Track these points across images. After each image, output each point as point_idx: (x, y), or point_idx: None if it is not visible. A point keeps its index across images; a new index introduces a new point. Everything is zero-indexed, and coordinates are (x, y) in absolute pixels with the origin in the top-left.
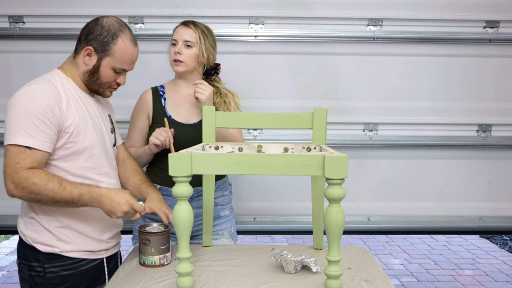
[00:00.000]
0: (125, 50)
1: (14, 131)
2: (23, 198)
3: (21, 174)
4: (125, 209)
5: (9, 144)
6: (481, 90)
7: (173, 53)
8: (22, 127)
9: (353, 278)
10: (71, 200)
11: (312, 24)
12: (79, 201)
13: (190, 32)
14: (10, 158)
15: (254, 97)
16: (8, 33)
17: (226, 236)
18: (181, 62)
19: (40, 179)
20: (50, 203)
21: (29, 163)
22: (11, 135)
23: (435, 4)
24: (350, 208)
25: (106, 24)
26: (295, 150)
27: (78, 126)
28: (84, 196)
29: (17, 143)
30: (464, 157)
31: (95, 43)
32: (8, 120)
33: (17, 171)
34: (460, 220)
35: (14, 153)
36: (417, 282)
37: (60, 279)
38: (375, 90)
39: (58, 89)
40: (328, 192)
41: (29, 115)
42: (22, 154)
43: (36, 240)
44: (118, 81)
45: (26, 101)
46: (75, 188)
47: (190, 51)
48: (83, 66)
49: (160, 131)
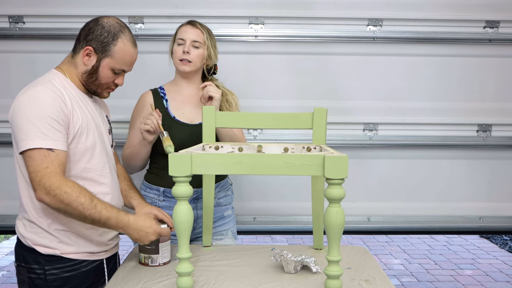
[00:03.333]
0: (125, 51)
1: (32, 135)
2: (51, 206)
3: (53, 180)
4: (153, 239)
5: (29, 148)
6: (481, 90)
7: (180, 53)
8: (39, 130)
9: (353, 278)
10: (98, 220)
11: (312, 24)
12: (104, 224)
13: (198, 33)
14: (35, 163)
15: (254, 97)
16: (8, 33)
17: (230, 236)
18: (189, 62)
19: (73, 190)
20: (75, 216)
21: (57, 166)
22: (28, 140)
23: (435, 4)
24: (350, 208)
25: (107, 25)
26: (295, 150)
27: (81, 127)
28: (111, 221)
29: (39, 146)
30: (464, 157)
31: (95, 44)
32: (19, 126)
33: (49, 176)
34: (460, 220)
35: (39, 158)
36: (417, 282)
37: (61, 281)
38: (375, 90)
39: (60, 90)
40: (328, 192)
41: (42, 117)
42: (48, 157)
43: (36, 242)
44: (116, 82)
45: (35, 104)
46: (105, 210)
47: (198, 52)
48: (81, 66)
49: (146, 117)
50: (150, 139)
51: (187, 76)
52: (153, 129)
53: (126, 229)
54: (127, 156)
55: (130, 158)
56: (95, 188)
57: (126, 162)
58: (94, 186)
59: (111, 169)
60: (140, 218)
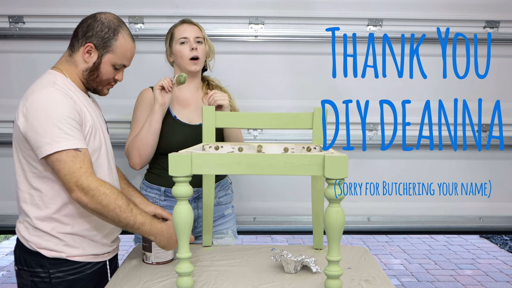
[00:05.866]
0: (126, 46)
1: (55, 137)
2: (88, 206)
3: (90, 180)
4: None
5: (56, 151)
6: (481, 90)
7: (188, 51)
8: (63, 131)
9: (353, 278)
10: (132, 225)
11: (312, 24)
12: (138, 229)
13: (197, 29)
14: (67, 165)
15: (254, 97)
16: (8, 33)
17: (230, 235)
18: (198, 59)
19: (111, 191)
20: (110, 218)
21: (89, 165)
22: (53, 143)
23: (435, 4)
24: (350, 208)
25: (106, 20)
26: (295, 150)
27: (91, 127)
28: (145, 227)
29: (67, 147)
30: (464, 157)
31: (95, 40)
32: (39, 130)
33: (85, 176)
34: (460, 220)
35: (70, 159)
36: (417, 282)
37: (66, 284)
38: (375, 90)
39: (67, 91)
40: (328, 192)
41: (63, 118)
42: (78, 157)
43: (41, 246)
44: (116, 78)
45: (52, 106)
46: (140, 215)
47: (202, 47)
48: (82, 64)
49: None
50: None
51: (194, 75)
52: (167, 85)
53: (158, 235)
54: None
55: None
56: None
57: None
58: None
59: (112, 169)
60: (172, 226)
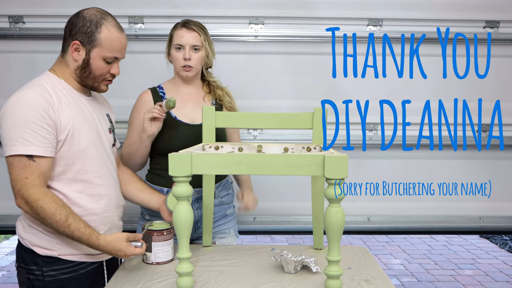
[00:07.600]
0: (111, 37)
1: (14, 141)
2: (28, 214)
3: (31, 192)
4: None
5: (11, 155)
6: (481, 90)
7: (181, 59)
8: (21, 135)
9: (353, 278)
10: (71, 238)
11: (312, 24)
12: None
13: (195, 35)
14: (16, 172)
15: (254, 97)
16: (8, 33)
17: (232, 235)
18: (191, 68)
19: (49, 206)
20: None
21: (36, 177)
22: (11, 145)
23: (435, 4)
24: (350, 208)
25: (87, 15)
26: (295, 150)
27: (73, 129)
28: (82, 242)
29: (19, 153)
30: (464, 157)
31: (80, 36)
32: (4, 131)
33: (27, 187)
34: (460, 220)
35: (19, 167)
36: (417, 282)
37: (59, 282)
38: (375, 90)
39: (49, 92)
40: (328, 192)
41: (26, 123)
42: (28, 167)
43: (35, 243)
44: (112, 72)
45: (19, 108)
46: (78, 231)
47: (198, 55)
48: (73, 63)
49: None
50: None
51: (188, 79)
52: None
53: (99, 249)
54: (127, 155)
55: (130, 156)
56: (91, 190)
57: (125, 160)
58: (90, 187)
59: (110, 170)
60: (111, 242)
